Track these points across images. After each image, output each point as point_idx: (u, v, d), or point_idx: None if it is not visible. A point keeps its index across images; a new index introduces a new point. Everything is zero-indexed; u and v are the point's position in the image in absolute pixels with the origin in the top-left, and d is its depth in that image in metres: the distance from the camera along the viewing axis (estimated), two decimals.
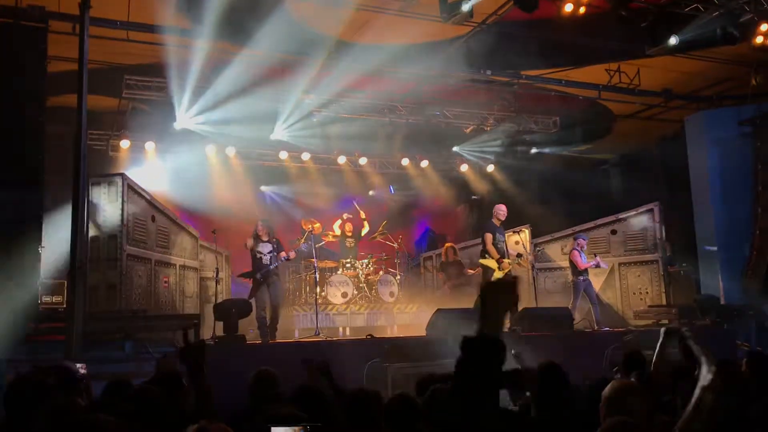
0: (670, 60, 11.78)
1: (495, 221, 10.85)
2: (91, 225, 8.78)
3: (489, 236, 10.63)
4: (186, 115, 12.33)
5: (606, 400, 3.07)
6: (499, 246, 10.62)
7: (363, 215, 13.50)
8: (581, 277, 11.20)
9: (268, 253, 10.12)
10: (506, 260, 10.54)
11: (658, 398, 3.86)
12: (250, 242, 10.15)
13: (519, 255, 11.18)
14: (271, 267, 10.04)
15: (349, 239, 13.20)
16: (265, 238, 10.18)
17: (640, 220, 12.66)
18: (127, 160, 13.10)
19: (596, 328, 10.67)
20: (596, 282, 12.66)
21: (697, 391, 2.66)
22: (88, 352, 7.18)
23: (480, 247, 10.96)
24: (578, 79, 12.95)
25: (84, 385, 4.26)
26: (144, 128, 12.87)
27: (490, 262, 10.42)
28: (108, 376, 5.24)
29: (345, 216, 13.37)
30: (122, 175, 9.54)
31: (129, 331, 8.15)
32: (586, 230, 12.92)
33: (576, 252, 11.33)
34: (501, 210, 11.00)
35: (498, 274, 10.49)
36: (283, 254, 10.15)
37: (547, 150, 15.88)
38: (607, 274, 12.65)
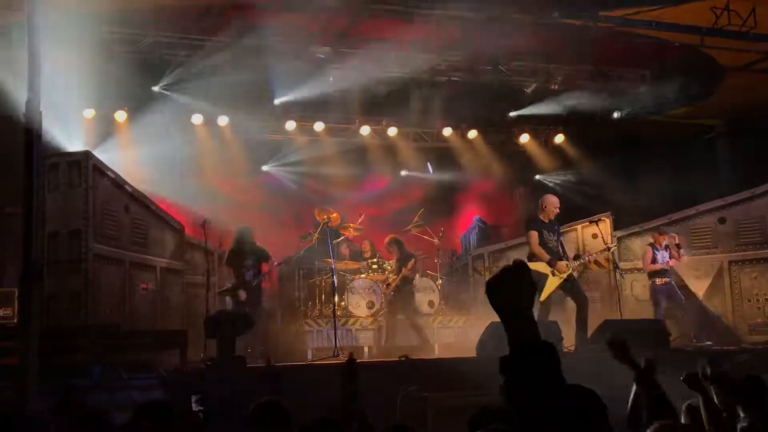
0: None
1: (543, 217, 10.79)
2: (48, 217, 8.87)
3: (534, 235, 10.59)
4: (166, 77, 12.40)
5: None
6: (549, 246, 10.58)
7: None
8: (657, 280, 11.53)
9: (251, 267, 10.99)
10: (562, 262, 10.45)
11: None
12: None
13: (577, 256, 11.09)
14: (253, 282, 10.89)
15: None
16: (247, 248, 11.11)
17: (757, 205, 12.47)
18: (92, 133, 13.22)
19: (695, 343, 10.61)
20: (699, 285, 12.53)
21: None
22: (43, 379, 7.28)
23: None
24: (675, 21, 12.76)
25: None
26: (113, 94, 12.97)
27: (540, 266, 10.36)
28: (73, 409, 5.31)
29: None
30: (86, 152, 9.61)
31: (97, 353, 8.25)
32: (687, 217, 12.81)
33: (649, 249, 11.52)
34: (551, 203, 10.90)
35: (553, 282, 10.43)
36: (265, 266, 11.13)
37: (633, 114, 15.70)
38: (714, 276, 12.50)
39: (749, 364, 8.44)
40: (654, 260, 11.86)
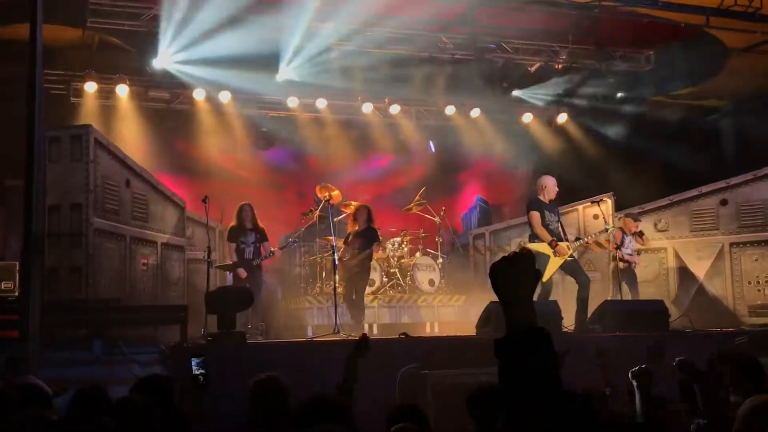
0: None
1: (543, 198, 10.76)
2: (49, 191, 8.87)
3: (536, 215, 10.52)
4: (168, 51, 12.36)
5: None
6: (551, 227, 10.55)
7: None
8: (621, 264, 11.76)
9: (252, 243, 10.95)
10: (564, 244, 10.41)
11: None
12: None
13: (578, 238, 11.09)
14: (254, 262, 10.86)
15: None
16: (248, 225, 10.99)
17: (760, 187, 12.45)
18: (94, 108, 13.20)
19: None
20: (700, 267, 12.55)
21: None
22: (45, 352, 7.31)
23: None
24: (680, 0, 12.68)
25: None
26: (115, 68, 12.93)
27: (542, 246, 10.34)
28: (74, 382, 5.32)
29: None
30: (88, 127, 9.61)
31: (98, 327, 8.28)
32: (689, 199, 12.83)
33: (619, 232, 11.81)
34: (550, 183, 10.87)
35: (555, 263, 10.42)
36: (267, 247, 11.10)
37: (637, 95, 15.64)
38: (715, 258, 12.51)
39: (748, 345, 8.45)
40: (621, 244, 11.91)
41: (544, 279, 10.45)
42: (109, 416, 3.45)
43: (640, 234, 12.16)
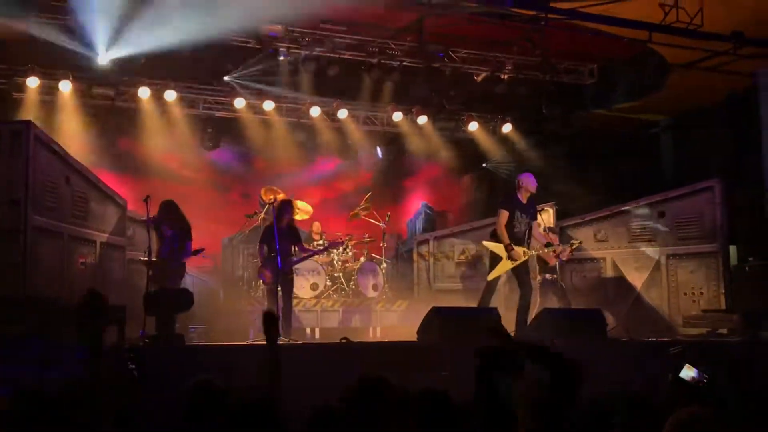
0: None
1: (521, 196, 10.71)
2: None
3: (504, 214, 10.44)
4: (114, 47, 12.17)
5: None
6: (516, 230, 10.50)
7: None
8: (547, 276, 11.86)
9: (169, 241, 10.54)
10: (519, 249, 10.40)
11: None
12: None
13: (549, 244, 11.13)
14: (171, 263, 10.44)
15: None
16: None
17: (696, 201, 12.67)
18: (35, 104, 12.97)
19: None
20: (638, 277, 12.75)
21: None
22: None
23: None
24: (624, 15, 12.87)
25: None
26: (59, 63, 12.70)
27: (497, 247, 10.39)
28: (10, 381, 5.23)
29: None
30: (28, 122, 9.41)
31: (33, 326, 8.08)
32: (627, 211, 13.04)
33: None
34: (529, 182, 10.79)
35: (505, 266, 10.45)
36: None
37: (580, 107, 15.84)
38: (652, 269, 12.71)
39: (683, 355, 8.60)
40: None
41: (491, 278, 10.54)
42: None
43: (553, 231, 12.35)
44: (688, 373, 5.59)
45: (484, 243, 10.91)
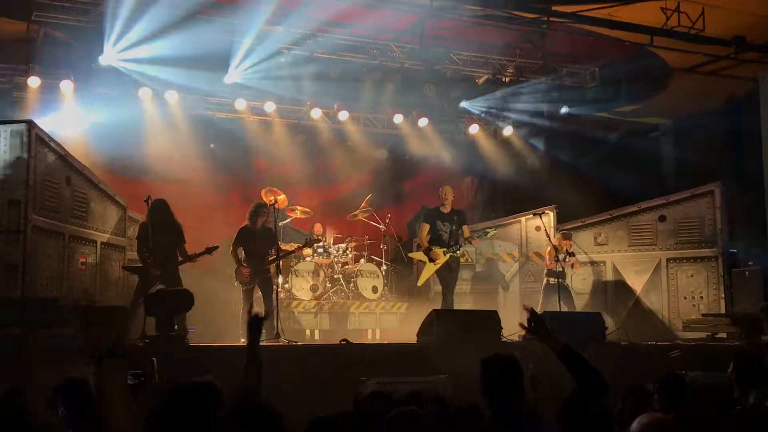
0: None
1: (442, 208, 11.42)
2: None
3: (424, 227, 11.35)
4: (115, 48, 12.18)
5: None
6: (442, 236, 11.22)
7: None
8: (551, 280, 12.06)
9: (163, 245, 10.29)
10: (439, 250, 10.94)
11: None
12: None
13: (456, 244, 11.32)
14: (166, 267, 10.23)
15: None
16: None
17: (696, 205, 12.70)
18: (36, 103, 12.94)
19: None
20: (638, 281, 12.76)
21: None
22: None
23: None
24: (626, 19, 12.89)
25: None
26: (60, 63, 12.69)
27: (419, 255, 11.29)
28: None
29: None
30: (29, 122, 9.41)
31: (33, 326, 8.08)
32: (628, 214, 13.07)
33: (552, 250, 12.03)
34: (447, 192, 11.55)
35: (429, 268, 11.12)
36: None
37: (581, 110, 15.84)
38: (652, 273, 12.73)
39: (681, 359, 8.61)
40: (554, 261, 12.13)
41: (420, 283, 11.59)
42: None
43: (572, 254, 12.34)
44: None
45: (410, 255, 12.03)
